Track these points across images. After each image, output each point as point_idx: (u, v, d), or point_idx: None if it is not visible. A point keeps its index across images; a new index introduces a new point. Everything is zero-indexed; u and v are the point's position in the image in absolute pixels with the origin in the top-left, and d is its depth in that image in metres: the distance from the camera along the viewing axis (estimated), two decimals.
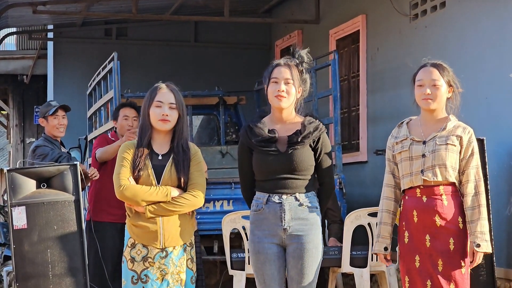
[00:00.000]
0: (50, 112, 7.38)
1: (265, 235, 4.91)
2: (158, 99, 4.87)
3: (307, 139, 4.88)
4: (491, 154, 6.68)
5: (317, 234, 4.90)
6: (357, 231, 7.19)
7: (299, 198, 4.87)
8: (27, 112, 19.41)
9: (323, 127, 4.97)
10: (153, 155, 4.89)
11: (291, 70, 4.90)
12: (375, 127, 9.71)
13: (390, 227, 5.08)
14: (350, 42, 10.52)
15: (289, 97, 4.89)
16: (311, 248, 4.86)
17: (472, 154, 4.90)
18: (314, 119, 4.97)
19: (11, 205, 6.06)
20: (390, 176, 5.10)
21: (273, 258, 4.91)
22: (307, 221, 4.87)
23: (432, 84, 4.91)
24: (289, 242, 4.88)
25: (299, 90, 4.94)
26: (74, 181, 6.18)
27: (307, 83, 5.01)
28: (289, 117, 4.97)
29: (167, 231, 4.81)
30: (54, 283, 6.05)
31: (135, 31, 13.93)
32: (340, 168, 8.75)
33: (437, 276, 4.82)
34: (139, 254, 4.85)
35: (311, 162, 4.90)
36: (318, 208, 4.95)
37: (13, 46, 21.21)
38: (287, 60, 4.96)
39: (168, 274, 4.82)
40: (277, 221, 4.87)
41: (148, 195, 4.79)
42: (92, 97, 10.23)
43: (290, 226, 4.86)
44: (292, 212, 4.86)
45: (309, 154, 4.90)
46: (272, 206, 4.88)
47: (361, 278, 7.08)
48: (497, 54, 7.37)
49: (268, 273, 4.91)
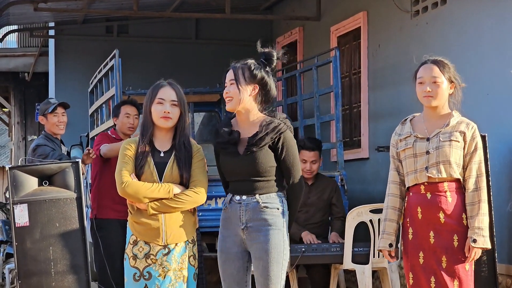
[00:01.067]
0: (49, 110, 7.37)
1: (229, 234, 4.91)
2: (160, 96, 4.88)
3: (263, 141, 4.77)
4: (492, 150, 6.68)
5: (276, 234, 4.79)
6: (359, 228, 7.19)
7: (259, 200, 4.80)
8: (28, 109, 19.44)
9: (283, 126, 4.81)
10: (155, 152, 4.90)
11: (235, 71, 4.86)
12: (377, 123, 9.71)
13: (395, 223, 5.07)
14: (351, 39, 10.52)
15: (234, 98, 4.81)
16: (270, 249, 4.77)
17: (475, 150, 4.90)
18: (275, 119, 4.83)
19: (13, 203, 6.06)
20: (395, 173, 5.10)
21: (233, 258, 4.88)
22: (265, 222, 4.79)
23: (433, 81, 4.91)
24: (249, 242, 4.84)
25: (253, 89, 4.84)
26: (76, 178, 6.18)
27: (267, 83, 4.88)
28: (253, 119, 4.88)
29: (169, 228, 4.82)
30: (56, 280, 6.05)
31: (137, 28, 13.93)
32: (342, 165, 8.76)
33: (441, 272, 4.83)
34: (141, 251, 4.85)
35: (270, 163, 4.80)
36: (281, 209, 4.84)
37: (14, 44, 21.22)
38: (238, 62, 4.92)
39: (170, 271, 4.83)
40: (237, 221, 4.85)
41: (150, 192, 4.79)
42: (93, 94, 10.24)
43: (249, 227, 4.82)
44: (250, 212, 4.81)
45: (268, 155, 4.80)
46: (234, 206, 4.86)
47: (363, 275, 7.08)
48: (498, 50, 7.37)
49: (227, 272, 4.91)
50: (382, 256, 7.07)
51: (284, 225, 4.85)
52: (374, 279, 8.46)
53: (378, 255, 7.08)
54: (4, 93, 20.52)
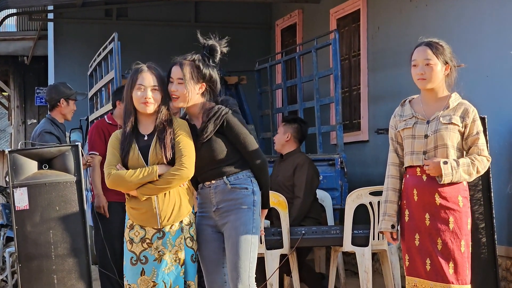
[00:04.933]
0: (77, 97, 7.58)
1: (203, 217, 5.01)
2: (140, 82, 4.86)
3: (207, 129, 4.85)
4: (492, 132, 6.68)
5: (245, 212, 4.87)
6: (358, 210, 7.20)
7: (226, 182, 4.89)
8: (28, 93, 19.41)
9: (223, 110, 4.86)
10: (139, 136, 4.89)
11: (183, 70, 4.87)
12: (376, 106, 9.70)
13: (396, 205, 5.07)
14: (350, 21, 10.50)
15: (181, 97, 4.88)
16: (239, 226, 4.84)
17: (477, 133, 4.89)
18: (215, 106, 4.90)
19: (13, 186, 6.07)
20: (394, 154, 5.10)
21: (208, 239, 4.99)
22: (235, 201, 4.88)
23: (426, 63, 4.89)
24: (220, 223, 4.93)
25: (200, 87, 4.90)
26: (76, 162, 6.19)
27: (214, 80, 4.94)
28: (200, 111, 4.94)
29: (163, 211, 4.82)
30: (56, 263, 6.07)
31: (136, 11, 13.89)
32: (342, 148, 8.76)
33: (436, 254, 4.83)
34: (137, 236, 4.87)
35: (223, 148, 4.89)
36: (250, 189, 4.92)
37: (13, 27, 21.18)
38: (181, 58, 4.94)
39: (166, 254, 4.84)
40: (209, 203, 4.96)
41: (135, 178, 4.79)
42: (93, 77, 10.23)
43: (220, 208, 4.91)
44: (220, 194, 4.91)
45: (218, 142, 4.88)
46: (205, 190, 4.97)
47: (362, 257, 7.10)
48: (498, 32, 7.36)
49: (203, 254, 5.01)
50: (381, 238, 7.09)
51: (254, 204, 4.92)
52: (374, 261, 8.49)
53: (378, 237, 7.10)
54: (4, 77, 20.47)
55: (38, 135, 7.40)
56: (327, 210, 8.21)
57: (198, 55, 4.95)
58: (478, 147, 4.88)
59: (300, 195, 7.59)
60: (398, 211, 5.05)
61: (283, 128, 7.86)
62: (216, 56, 4.98)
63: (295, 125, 7.86)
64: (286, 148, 7.85)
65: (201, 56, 4.95)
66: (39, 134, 7.40)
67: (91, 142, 7.33)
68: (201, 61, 4.92)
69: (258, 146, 5.00)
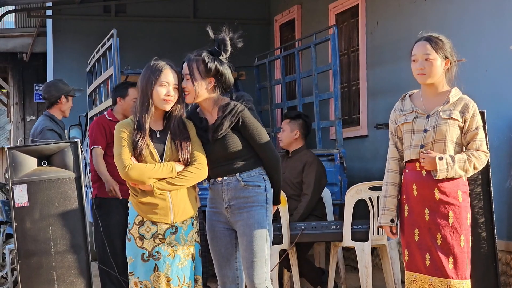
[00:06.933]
0: (75, 94, 7.59)
1: (214, 212, 5.02)
2: (164, 79, 4.82)
3: (222, 126, 4.84)
4: (491, 127, 6.68)
5: (258, 210, 4.87)
6: (358, 205, 7.20)
7: (239, 179, 4.89)
8: (27, 90, 19.42)
9: (239, 107, 4.86)
10: (152, 132, 4.88)
11: (190, 66, 4.88)
12: (375, 101, 9.70)
13: (395, 199, 5.06)
14: (349, 16, 10.49)
15: (190, 93, 4.86)
16: (253, 224, 4.84)
17: (476, 128, 4.88)
18: (231, 102, 4.90)
19: (12, 183, 6.06)
20: (394, 149, 5.10)
21: (219, 235, 5.00)
22: (248, 199, 4.87)
23: (425, 58, 4.88)
24: (233, 220, 4.93)
25: (209, 82, 4.89)
26: (75, 158, 6.18)
27: (223, 74, 4.94)
28: (213, 106, 4.93)
29: (176, 206, 4.81)
30: (56, 260, 6.07)
31: (134, 8, 13.89)
32: (341, 143, 8.76)
33: (436, 249, 4.83)
34: (149, 232, 4.83)
35: (237, 145, 4.87)
36: (263, 186, 4.92)
37: (12, 24, 21.19)
38: (191, 55, 4.94)
39: (179, 249, 4.83)
40: (220, 200, 4.95)
41: (154, 173, 4.77)
42: (92, 74, 10.22)
43: (231, 205, 4.90)
44: (232, 191, 4.90)
45: (233, 138, 4.87)
46: (216, 186, 4.96)
47: (362, 252, 7.10)
48: (497, 27, 7.35)
49: (215, 249, 5.03)
50: (381, 233, 7.09)
51: (267, 201, 4.92)
52: (374, 257, 8.49)
53: (378, 232, 7.10)
54: (3, 73, 20.49)
55: (40, 132, 7.40)
56: (326, 206, 8.20)
57: (206, 52, 4.93)
58: (476, 142, 4.88)
59: (309, 193, 7.62)
60: (398, 206, 5.05)
61: (289, 125, 7.84)
62: (227, 50, 4.96)
63: (300, 121, 7.87)
64: (294, 145, 7.85)
65: (209, 51, 4.93)
66: (40, 131, 7.39)
67: (93, 137, 7.32)
68: (207, 56, 4.90)
69: (272, 143, 5.00)
